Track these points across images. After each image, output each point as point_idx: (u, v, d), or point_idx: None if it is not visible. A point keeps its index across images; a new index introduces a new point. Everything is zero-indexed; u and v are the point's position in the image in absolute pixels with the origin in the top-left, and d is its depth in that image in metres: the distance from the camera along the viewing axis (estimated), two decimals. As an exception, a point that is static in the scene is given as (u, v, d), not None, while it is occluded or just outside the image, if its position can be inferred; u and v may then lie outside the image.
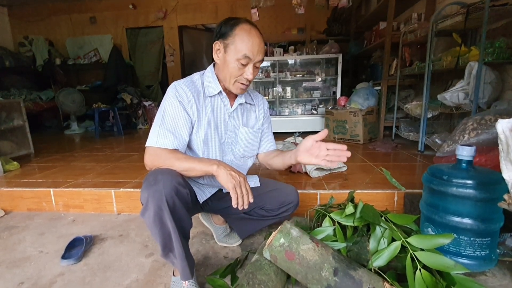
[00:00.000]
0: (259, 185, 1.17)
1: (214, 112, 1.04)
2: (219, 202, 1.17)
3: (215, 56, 1.00)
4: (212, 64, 1.08)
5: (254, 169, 1.46)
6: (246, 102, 1.12)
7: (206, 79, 1.04)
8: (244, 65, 0.95)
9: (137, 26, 5.31)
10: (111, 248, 1.33)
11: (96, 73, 5.43)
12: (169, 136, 0.93)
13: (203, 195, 1.10)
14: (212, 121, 1.03)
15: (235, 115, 1.10)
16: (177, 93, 0.96)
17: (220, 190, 1.15)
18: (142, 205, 0.84)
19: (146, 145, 0.94)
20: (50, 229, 1.53)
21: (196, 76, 1.06)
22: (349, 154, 0.91)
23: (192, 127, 1.00)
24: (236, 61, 0.94)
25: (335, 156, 0.91)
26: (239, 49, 0.92)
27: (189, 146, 1.04)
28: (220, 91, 1.04)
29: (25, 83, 5.01)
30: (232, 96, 1.08)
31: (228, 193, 1.09)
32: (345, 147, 0.90)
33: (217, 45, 0.98)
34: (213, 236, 1.36)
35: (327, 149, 0.92)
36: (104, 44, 5.36)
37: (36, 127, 4.70)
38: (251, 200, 0.89)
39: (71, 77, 5.43)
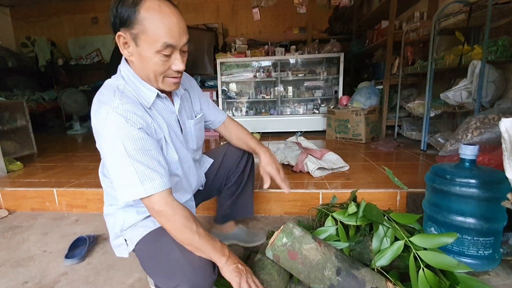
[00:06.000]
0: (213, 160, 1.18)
1: (167, 121, 0.87)
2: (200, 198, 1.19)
3: (124, 52, 0.78)
4: (124, 62, 0.83)
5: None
6: (185, 90, 0.97)
7: (132, 85, 0.80)
8: (169, 56, 0.75)
9: (139, 26, 5.32)
10: (114, 247, 1.33)
11: (98, 73, 5.45)
12: (155, 177, 0.74)
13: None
14: (172, 133, 0.88)
15: (179, 112, 0.94)
16: (128, 120, 0.73)
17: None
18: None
19: (134, 197, 0.73)
20: (53, 229, 1.54)
21: (119, 84, 0.80)
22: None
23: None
24: (157, 54, 0.73)
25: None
26: (155, 38, 0.71)
27: None
28: (158, 94, 0.83)
29: (28, 83, 5.03)
30: (168, 92, 0.89)
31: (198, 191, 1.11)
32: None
33: (122, 38, 0.75)
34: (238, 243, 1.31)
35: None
36: (106, 45, 5.37)
37: (39, 127, 4.70)
38: None
39: (74, 78, 5.44)
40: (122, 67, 0.83)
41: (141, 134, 0.74)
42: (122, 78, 0.81)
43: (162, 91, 0.84)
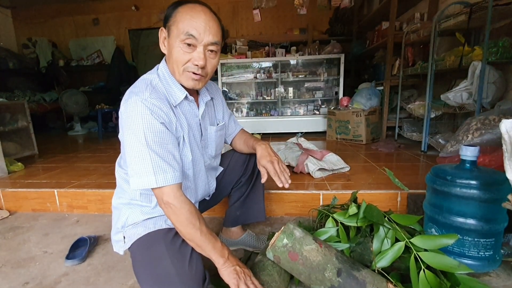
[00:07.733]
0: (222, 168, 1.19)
1: (189, 122, 0.92)
2: (204, 206, 1.19)
3: (162, 47, 0.86)
4: (163, 61, 0.91)
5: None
6: (211, 98, 1.01)
7: (165, 83, 0.87)
8: (190, 47, 0.80)
9: (140, 28, 5.33)
10: (115, 248, 1.33)
11: (99, 74, 5.46)
12: (168, 170, 0.78)
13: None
14: (191, 135, 0.92)
15: (202, 117, 0.98)
16: (153, 113, 0.78)
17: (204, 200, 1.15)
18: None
19: (146, 186, 0.77)
20: (54, 230, 1.54)
21: (152, 79, 0.86)
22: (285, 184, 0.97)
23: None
24: (180, 43, 0.79)
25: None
26: (181, 28, 0.78)
27: None
28: (186, 96, 0.88)
29: (29, 84, 5.04)
30: (195, 96, 0.95)
31: (204, 200, 1.13)
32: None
33: (163, 33, 0.84)
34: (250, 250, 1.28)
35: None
36: (107, 46, 5.38)
37: (40, 128, 4.71)
38: None
39: (75, 79, 5.46)
40: (160, 65, 0.90)
41: (162, 128, 0.79)
42: (157, 75, 0.87)
43: (191, 93, 0.90)
